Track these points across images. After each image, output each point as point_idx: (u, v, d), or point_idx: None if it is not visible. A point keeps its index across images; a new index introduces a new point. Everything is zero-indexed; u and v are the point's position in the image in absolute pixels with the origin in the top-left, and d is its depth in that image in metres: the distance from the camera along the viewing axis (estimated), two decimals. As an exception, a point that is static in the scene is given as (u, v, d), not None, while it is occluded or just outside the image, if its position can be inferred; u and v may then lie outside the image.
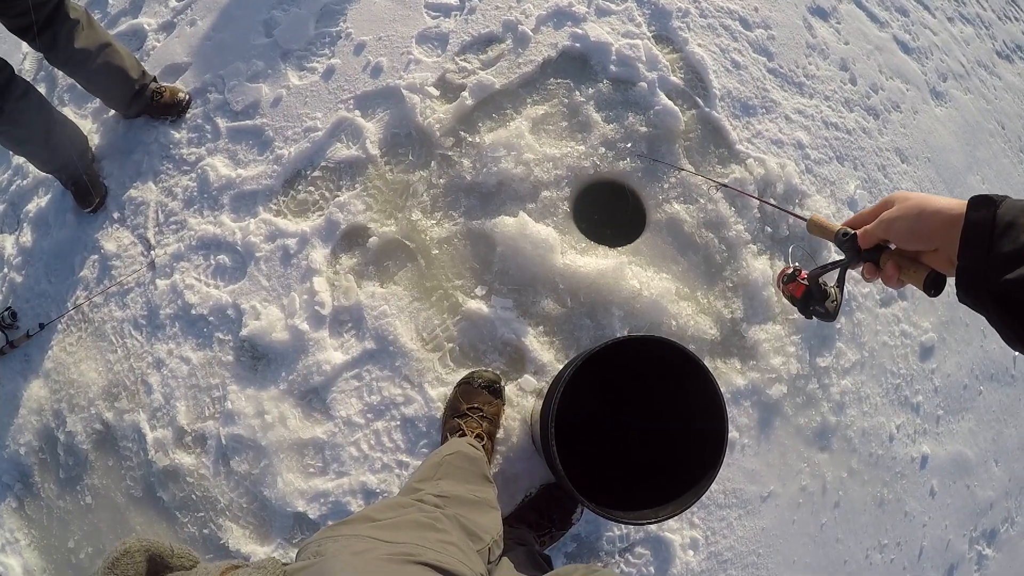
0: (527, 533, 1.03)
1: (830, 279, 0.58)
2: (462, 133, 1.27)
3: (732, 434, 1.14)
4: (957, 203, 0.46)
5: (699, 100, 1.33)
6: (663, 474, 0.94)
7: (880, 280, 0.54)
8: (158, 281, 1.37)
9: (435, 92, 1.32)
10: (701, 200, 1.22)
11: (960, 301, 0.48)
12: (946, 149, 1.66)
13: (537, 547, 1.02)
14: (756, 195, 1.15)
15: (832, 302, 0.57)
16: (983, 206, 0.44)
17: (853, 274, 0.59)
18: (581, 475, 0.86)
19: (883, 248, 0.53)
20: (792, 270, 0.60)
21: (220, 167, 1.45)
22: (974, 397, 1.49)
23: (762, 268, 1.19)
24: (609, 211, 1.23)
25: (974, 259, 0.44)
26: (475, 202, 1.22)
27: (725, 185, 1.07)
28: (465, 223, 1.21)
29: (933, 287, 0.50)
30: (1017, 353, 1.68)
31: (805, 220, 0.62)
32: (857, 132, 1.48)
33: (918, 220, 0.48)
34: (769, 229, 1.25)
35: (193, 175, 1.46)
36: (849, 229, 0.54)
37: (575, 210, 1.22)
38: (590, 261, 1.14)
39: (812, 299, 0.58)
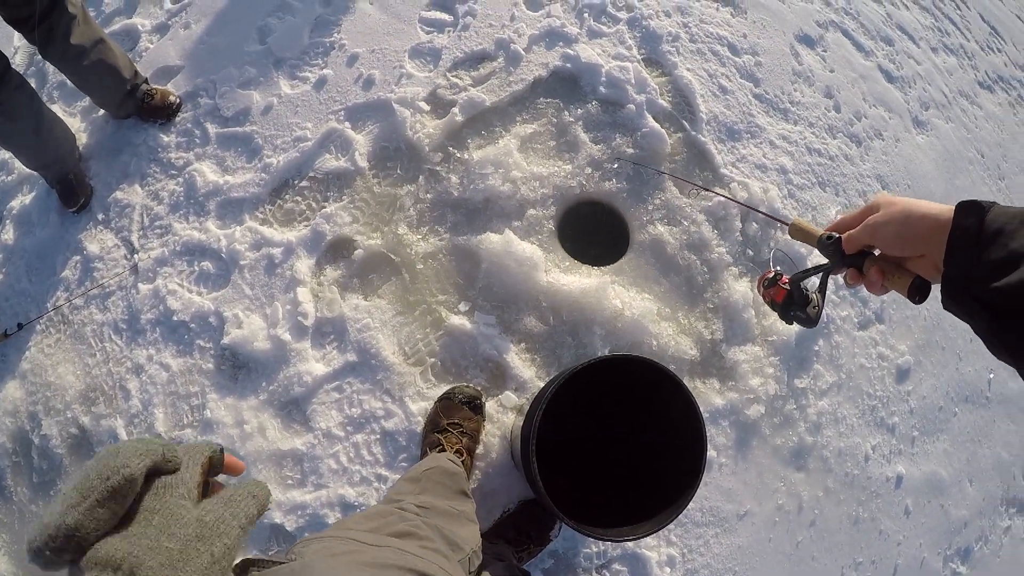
0: (505, 548, 1.03)
1: (811, 285, 0.58)
2: (451, 149, 1.28)
3: (710, 453, 1.16)
4: (944, 208, 0.45)
5: (686, 123, 1.36)
6: (643, 491, 0.95)
7: (863, 286, 0.53)
8: (140, 285, 1.36)
9: (426, 107, 1.33)
10: (684, 223, 1.24)
11: (945, 308, 0.47)
12: (926, 177, 1.71)
13: (515, 562, 1.02)
14: (741, 202, 1.17)
15: (814, 308, 0.57)
16: (971, 212, 0.43)
17: (831, 291, 0.59)
18: (560, 492, 0.86)
19: (867, 253, 0.52)
20: (773, 274, 0.59)
21: (208, 173, 1.45)
22: (949, 419, 1.52)
23: (743, 290, 1.21)
24: (594, 231, 1.25)
25: (961, 266, 0.43)
26: (461, 218, 1.23)
27: (713, 192, 1.08)
28: (451, 239, 1.21)
29: (918, 294, 0.49)
30: (991, 376, 1.72)
31: (787, 224, 0.61)
32: (839, 159, 1.51)
33: (904, 225, 0.46)
34: (751, 252, 1.27)
35: (180, 179, 1.46)
36: (833, 233, 0.53)
37: (560, 229, 1.24)
38: (573, 280, 1.15)
39: (793, 304, 0.57)
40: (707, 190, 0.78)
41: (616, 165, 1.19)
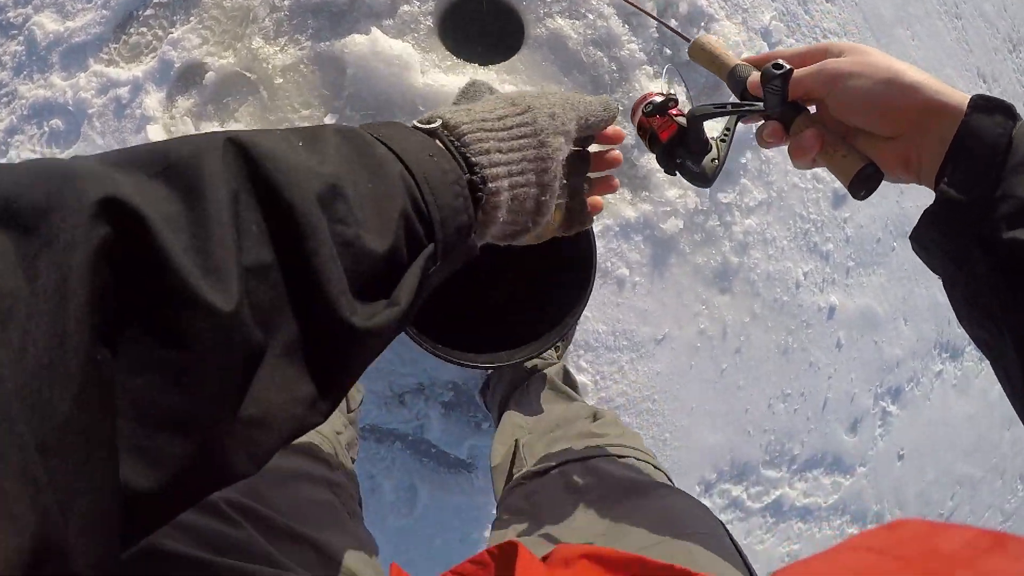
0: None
1: (713, 129, 0.40)
2: (310, -58, 1.04)
3: (622, 271, 1.03)
4: (947, 89, 0.32)
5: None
6: (535, 317, 0.82)
7: (786, 150, 0.38)
8: (-13, 157, 1.15)
9: None
10: (590, 16, 1.03)
11: (915, 238, 0.35)
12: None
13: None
14: (642, 8, 0.97)
15: (713, 160, 0.39)
16: (997, 111, 0.30)
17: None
18: (446, 325, 0.73)
19: (800, 108, 0.37)
20: (663, 99, 0.41)
21: (47, 23, 1.21)
22: (887, 252, 1.42)
23: (659, 91, 1.03)
24: (482, 26, 1.04)
25: (971, 189, 0.30)
26: (324, 23, 1.01)
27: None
28: (312, 47, 1.00)
29: (865, 187, 0.36)
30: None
31: (687, 40, 0.44)
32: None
33: (886, 89, 0.32)
34: (668, 51, 1.08)
35: (21, 38, 1.24)
36: (784, 63, 0.36)
37: (441, 26, 1.03)
38: (457, 80, 0.96)
39: (685, 147, 0.39)
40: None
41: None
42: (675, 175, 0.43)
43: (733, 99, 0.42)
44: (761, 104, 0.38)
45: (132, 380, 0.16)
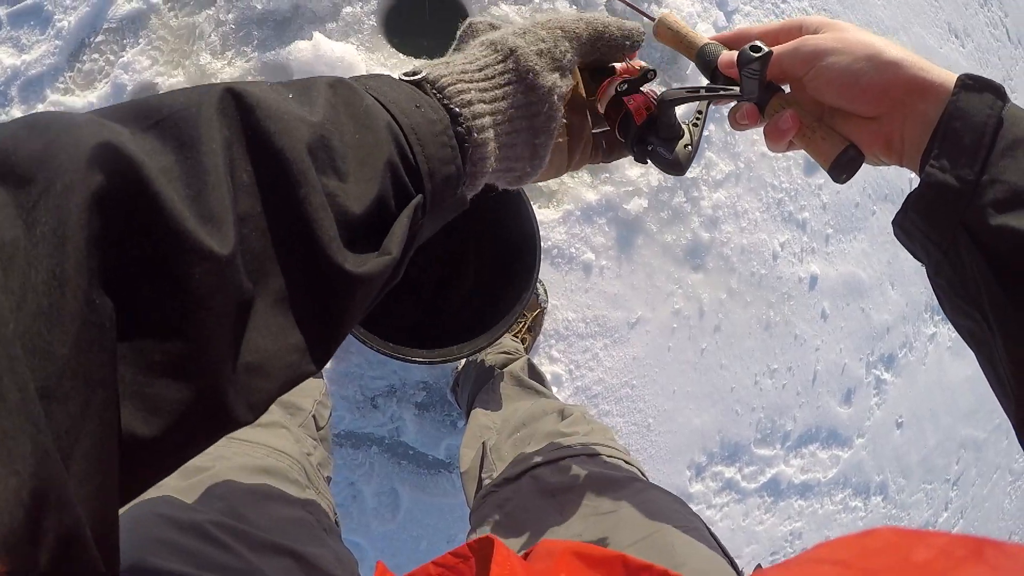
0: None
1: (684, 115, 0.37)
2: (248, -47, 0.98)
3: (587, 256, 0.96)
4: (931, 66, 0.29)
5: None
6: (486, 310, 0.75)
7: (764, 133, 0.34)
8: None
9: (210, -94, 1.01)
10: (535, -2, 0.96)
11: (897, 223, 0.32)
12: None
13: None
14: None
15: (686, 146, 0.35)
16: (986, 91, 0.27)
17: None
18: (397, 323, 0.67)
19: (774, 89, 0.34)
20: (642, 72, 0.35)
21: (5, 59, 1.18)
22: (867, 217, 1.32)
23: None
24: (427, 21, 0.98)
25: (960, 171, 0.27)
26: (269, 32, 0.96)
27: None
28: (259, 57, 0.95)
29: (846, 170, 0.33)
30: (913, 176, 1.52)
31: (651, 19, 0.39)
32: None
33: (867, 66, 0.30)
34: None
35: None
36: (761, 45, 0.31)
37: (387, 24, 0.97)
38: (401, 74, 0.90)
39: (657, 132, 0.34)
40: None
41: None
42: (646, 163, 0.36)
43: (705, 81, 0.37)
44: (737, 88, 0.34)
45: (132, 325, 0.16)
